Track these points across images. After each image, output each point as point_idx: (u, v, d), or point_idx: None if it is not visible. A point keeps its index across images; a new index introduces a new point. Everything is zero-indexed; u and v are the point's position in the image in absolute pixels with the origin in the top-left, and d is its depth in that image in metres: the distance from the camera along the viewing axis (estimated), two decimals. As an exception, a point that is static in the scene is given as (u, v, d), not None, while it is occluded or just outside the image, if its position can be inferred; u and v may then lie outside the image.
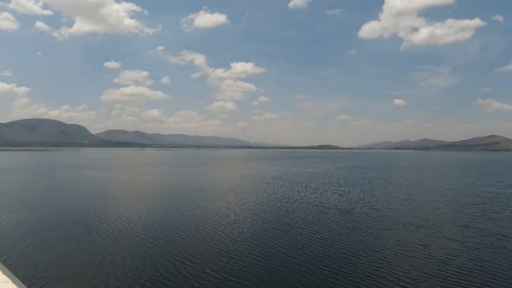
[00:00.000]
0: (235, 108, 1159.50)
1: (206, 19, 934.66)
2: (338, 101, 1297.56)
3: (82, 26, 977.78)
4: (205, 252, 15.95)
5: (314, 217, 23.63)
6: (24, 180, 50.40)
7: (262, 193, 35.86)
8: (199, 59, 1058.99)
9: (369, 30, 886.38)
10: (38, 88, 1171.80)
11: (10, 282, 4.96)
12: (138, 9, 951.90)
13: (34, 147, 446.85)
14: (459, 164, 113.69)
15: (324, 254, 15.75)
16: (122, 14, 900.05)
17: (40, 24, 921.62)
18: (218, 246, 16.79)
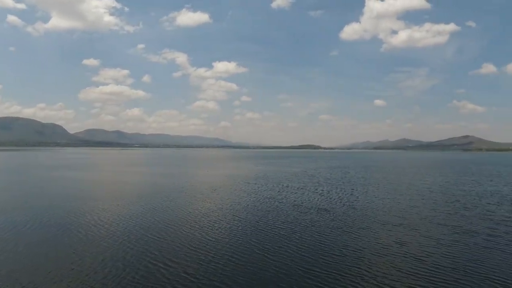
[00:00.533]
0: (217, 107, 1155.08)
1: (188, 18, 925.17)
2: (320, 101, 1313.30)
3: (58, 22, 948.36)
4: (184, 253, 15.72)
5: (294, 217, 23.76)
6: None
7: (243, 193, 35.78)
8: (181, 58, 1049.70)
9: (350, 31, 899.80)
10: (11, 85, 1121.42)
11: None
12: (118, 6, 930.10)
13: (8, 147, 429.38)
14: (435, 163, 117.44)
15: (303, 254, 15.83)
16: (101, 11, 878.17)
17: (12, 18, 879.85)
18: (197, 247, 16.59)
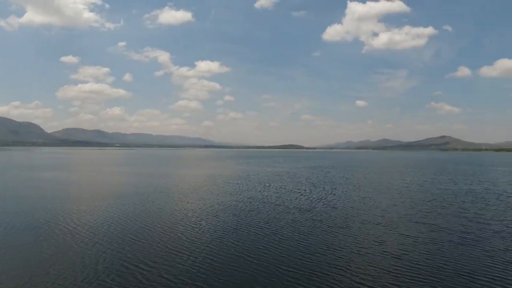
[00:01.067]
0: (200, 107, 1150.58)
1: (171, 16, 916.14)
2: (303, 101, 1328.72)
3: (34, 16, 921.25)
4: (162, 255, 15.36)
5: (275, 216, 23.72)
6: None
7: (224, 193, 35.50)
8: (163, 57, 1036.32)
9: (332, 33, 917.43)
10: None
11: None
12: (99, 2, 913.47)
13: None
14: (414, 163, 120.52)
15: (283, 253, 15.78)
16: (80, 7, 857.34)
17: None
18: (177, 249, 16.26)
